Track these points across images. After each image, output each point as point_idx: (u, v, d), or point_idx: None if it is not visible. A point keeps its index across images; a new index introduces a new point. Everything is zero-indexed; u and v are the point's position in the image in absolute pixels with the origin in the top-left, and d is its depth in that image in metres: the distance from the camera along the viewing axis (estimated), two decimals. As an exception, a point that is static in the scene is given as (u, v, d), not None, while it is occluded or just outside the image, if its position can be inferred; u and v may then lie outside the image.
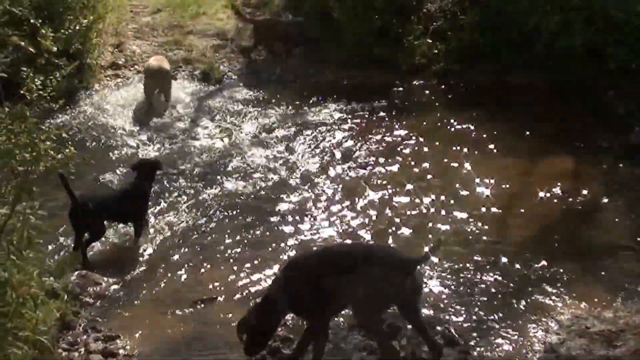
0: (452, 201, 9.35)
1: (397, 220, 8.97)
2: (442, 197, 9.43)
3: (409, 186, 9.70)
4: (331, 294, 6.07)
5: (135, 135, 11.37)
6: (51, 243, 8.31)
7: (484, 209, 9.18)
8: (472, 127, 11.31)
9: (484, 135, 11.01)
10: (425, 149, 10.71)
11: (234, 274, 7.96)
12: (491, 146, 10.68)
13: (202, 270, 8.10)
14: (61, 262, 7.75)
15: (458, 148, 10.69)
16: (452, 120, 11.60)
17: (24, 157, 6.15)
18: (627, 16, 12.21)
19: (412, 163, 10.31)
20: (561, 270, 7.86)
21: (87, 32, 12.72)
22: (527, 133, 11.08)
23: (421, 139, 11.05)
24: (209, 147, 10.97)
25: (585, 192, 9.45)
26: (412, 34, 13.63)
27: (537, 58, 12.79)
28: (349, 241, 8.42)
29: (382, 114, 11.95)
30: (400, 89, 12.86)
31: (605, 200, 9.20)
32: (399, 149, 10.76)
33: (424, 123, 11.58)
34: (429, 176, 9.96)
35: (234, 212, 9.20)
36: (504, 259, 8.09)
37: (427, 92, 12.79)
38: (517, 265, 8.01)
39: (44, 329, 6.32)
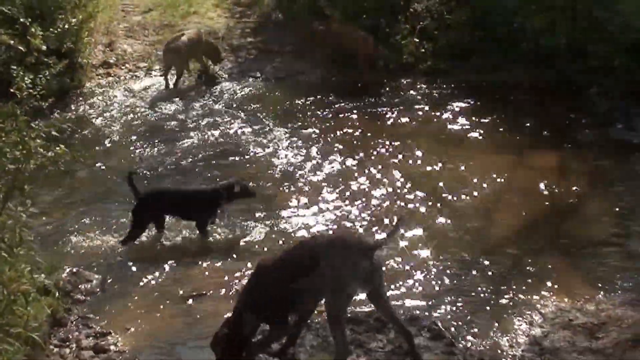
0: (438, 196, 9.35)
1: (385, 214, 8.96)
2: (429, 192, 9.43)
3: (396, 181, 9.72)
4: (300, 295, 6.01)
5: (127, 133, 11.33)
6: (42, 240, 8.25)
7: (470, 204, 9.20)
8: (458, 124, 11.39)
9: (470, 132, 11.09)
10: (413, 145, 10.72)
11: (224, 269, 7.93)
12: (477, 142, 10.76)
13: (193, 266, 8.06)
14: (52, 260, 7.68)
15: (445, 144, 10.75)
16: (439, 117, 11.69)
17: (14, 155, 6.13)
18: (610, 15, 12.31)
19: (400, 158, 10.33)
20: (545, 264, 7.86)
21: (79, 31, 12.67)
22: (513, 129, 11.17)
23: (409, 136, 11.09)
24: (199, 145, 10.94)
25: (569, 187, 9.48)
26: (400, 33, 13.71)
27: (522, 56, 12.90)
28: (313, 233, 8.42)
29: (370, 111, 11.97)
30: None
31: (589, 195, 9.24)
32: (387, 144, 10.76)
33: (412, 120, 11.61)
34: (416, 171, 9.96)
35: (225, 209, 9.14)
36: (490, 253, 8.09)
37: (414, 90, 12.83)
38: (502, 260, 8.01)
39: (36, 326, 6.26)
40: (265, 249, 8.25)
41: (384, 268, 6.38)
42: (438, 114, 11.82)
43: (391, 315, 6.20)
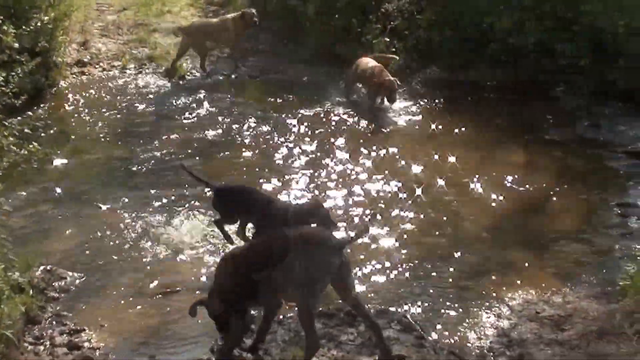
0: (409, 191, 9.39)
1: (354, 208, 8.99)
2: (399, 187, 9.47)
3: (368, 176, 9.77)
4: (265, 286, 6.05)
5: (101, 131, 11.26)
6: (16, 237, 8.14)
7: (439, 199, 9.25)
8: (427, 121, 11.43)
9: (439, 128, 11.14)
10: (385, 141, 10.80)
11: (198, 265, 7.89)
12: (446, 138, 10.80)
13: (166, 262, 8.00)
14: (26, 257, 7.60)
15: (415, 140, 10.83)
16: (408, 114, 11.78)
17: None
18: (576, 15, 12.44)
19: (372, 154, 10.38)
20: (513, 258, 7.95)
21: (53, 30, 12.55)
22: (482, 126, 11.26)
23: (378, 132, 11.18)
24: (175, 141, 10.88)
25: (536, 182, 9.57)
26: (371, 32, 13.77)
27: (491, 55, 12.99)
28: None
29: (342, 108, 12.02)
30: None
31: (556, 191, 9.30)
32: (359, 141, 10.82)
33: (382, 117, 11.65)
34: (387, 166, 10.01)
35: (195, 204, 9.08)
36: (459, 248, 8.13)
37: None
38: (471, 254, 8.05)
39: (9, 323, 6.22)
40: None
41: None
42: (409, 111, 11.91)
43: (360, 308, 6.21)
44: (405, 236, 8.41)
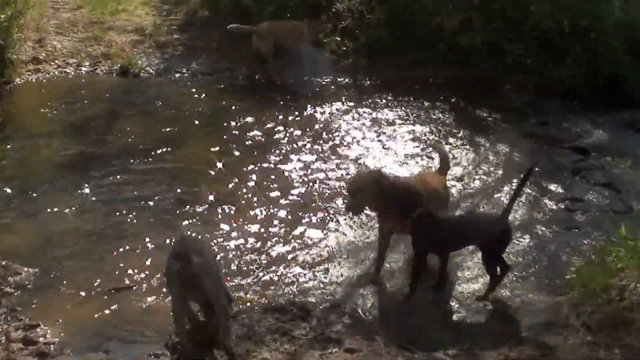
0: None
1: (305, 206, 8.91)
2: (340, 181, 9.39)
3: (306, 170, 9.75)
4: None
5: (56, 128, 11.04)
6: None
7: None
8: (375, 115, 11.51)
9: (389, 124, 11.21)
10: (335, 136, 10.79)
11: (153, 262, 7.69)
12: (395, 134, 10.79)
13: (121, 258, 7.81)
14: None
15: (365, 134, 10.82)
16: (359, 110, 11.75)
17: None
18: (523, 15, 12.56)
19: (311, 148, 10.40)
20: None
21: (9, 27, 12.33)
22: (430, 123, 11.30)
23: (330, 128, 11.13)
24: (130, 138, 10.67)
25: (483, 178, 9.63)
26: (323, 32, 13.75)
27: (440, 54, 13.05)
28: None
29: (292, 105, 11.99)
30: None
31: (502, 186, 9.34)
32: (309, 135, 10.81)
33: (333, 113, 11.64)
34: (329, 161, 10.00)
35: (153, 201, 8.94)
36: (404, 241, 7.96)
37: (336, 85, 12.94)
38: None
39: (-36, 319, 6.08)
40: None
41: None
42: (357, 105, 11.94)
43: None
44: (353, 230, 8.36)
